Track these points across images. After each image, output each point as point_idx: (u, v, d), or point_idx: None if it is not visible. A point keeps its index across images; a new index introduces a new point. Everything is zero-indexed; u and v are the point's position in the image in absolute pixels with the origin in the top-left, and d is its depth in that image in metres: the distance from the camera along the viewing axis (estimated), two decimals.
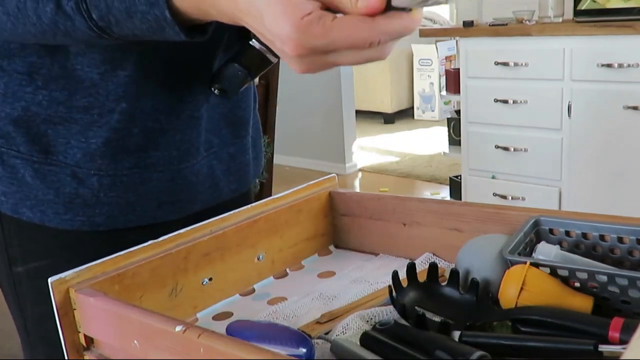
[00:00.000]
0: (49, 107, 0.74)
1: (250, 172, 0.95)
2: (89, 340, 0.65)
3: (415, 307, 0.67)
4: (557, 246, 0.68)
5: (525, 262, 0.63)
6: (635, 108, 2.42)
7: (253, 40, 0.75)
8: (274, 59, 0.76)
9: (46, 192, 0.76)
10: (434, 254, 0.84)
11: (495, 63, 2.72)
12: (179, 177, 0.82)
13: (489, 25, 2.82)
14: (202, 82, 0.81)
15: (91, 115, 0.75)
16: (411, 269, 0.70)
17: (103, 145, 0.76)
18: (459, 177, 3.13)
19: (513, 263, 0.64)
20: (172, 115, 0.79)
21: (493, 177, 2.88)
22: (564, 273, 0.62)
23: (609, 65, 2.43)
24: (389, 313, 0.68)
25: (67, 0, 0.61)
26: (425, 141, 5.38)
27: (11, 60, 0.73)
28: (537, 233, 0.72)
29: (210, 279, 0.77)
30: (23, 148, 0.75)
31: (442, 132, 4.49)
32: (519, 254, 0.66)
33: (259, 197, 0.90)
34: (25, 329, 0.83)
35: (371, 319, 0.67)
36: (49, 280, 0.62)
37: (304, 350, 0.60)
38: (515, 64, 2.67)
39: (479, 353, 0.52)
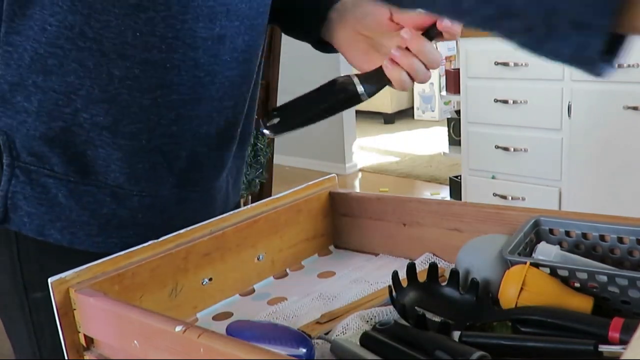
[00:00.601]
0: (92, 130, 0.71)
1: (241, 180, 0.96)
2: (89, 341, 0.65)
3: (415, 307, 0.67)
4: (557, 246, 0.68)
5: (525, 262, 0.63)
6: (635, 108, 2.42)
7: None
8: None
9: (80, 214, 0.73)
10: (433, 254, 0.84)
11: (495, 63, 2.72)
12: (208, 195, 0.83)
13: None
14: (245, 100, 0.82)
15: (139, 141, 0.72)
16: (411, 269, 0.70)
17: (150, 169, 0.74)
18: (459, 177, 3.13)
19: (513, 263, 0.64)
20: (218, 138, 0.79)
21: (493, 177, 2.88)
22: (564, 273, 0.62)
23: None
24: (389, 313, 0.68)
25: None
26: (425, 141, 5.38)
27: (47, 77, 0.69)
28: (537, 233, 0.72)
29: (210, 279, 0.77)
30: (58, 168, 0.72)
31: (442, 132, 4.49)
32: (519, 254, 0.66)
33: (259, 197, 0.91)
34: (40, 356, 0.79)
35: (371, 319, 0.67)
36: (49, 280, 0.62)
37: (304, 350, 0.60)
38: (515, 64, 2.67)
39: (479, 353, 0.52)
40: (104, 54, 0.68)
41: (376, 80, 0.75)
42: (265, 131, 0.79)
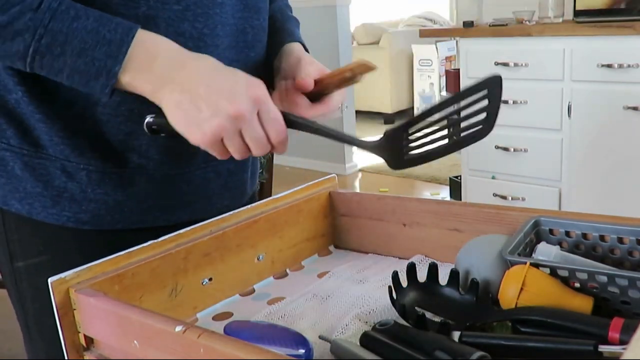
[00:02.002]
0: (30, 104, 0.74)
1: (247, 190, 0.94)
2: (89, 341, 0.65)
3: (415, 308, 0.67)
4: (557, 246, 0.68)
5: (525, 263, 0.63)
6: (635, 108, 2.42)
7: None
8: None
9: (35, 185, 0.76)
10: (425, 256, 0.84)
11: (495, 63, 2.72)
12: (168, 183, 0.81)
13: (489, 25, 2.82)
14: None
15: (76, 109, 0.74)
16: (411, 269, 0.70)
17: (90, 140, 0.75)
18: (459, 178, 3.13)
19: (513, 263, 0.64)
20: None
21: (493, 178, 2.88)
22: (564, 273, 0.62)
23: (609, 66, 2.43)
24: (389, 312, 0.68)
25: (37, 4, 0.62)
26: None
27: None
28: (537, 233, 0.72)
29: (210, 279, 0.77)
30: (13, 141, 0.75)
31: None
32: (519, 255, 0.66)
33: (259, 197, 0.90)
34: (26, 324, 0.83)
35: (371, 319, 0.67)
36: (49, 280, 0.62)
37: (302, 350, 0.60)
38: (515, 64, 2.67)
39: (478, 353, 0.52)
40: None
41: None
42: None
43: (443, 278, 0.70)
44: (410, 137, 0.68)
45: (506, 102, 2.71)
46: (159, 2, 0.71)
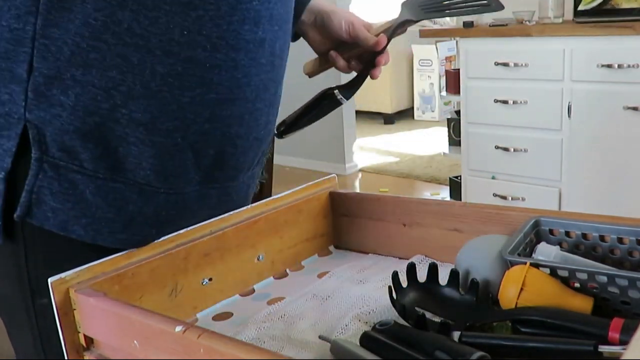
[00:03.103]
0: (128, 126, 0.70)
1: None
2: (89, 341, 0.65)
3: (415, 308, 0.67)
4: (557, 247, 0.68)
5: (525, 263, 0.63)
6: (635, 109, 2.42)
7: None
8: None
9: (106, 211, 0.72)
10: (425, 256, 0.84)
11: (495, 63, 2.72)
12: (225, 194, 0.82)
13: (489, 25, 2.82)
14: (275, 104, 0.83)
15: (174, 138, 0.72)
16: (411, 269, 0.70)
17: (179, 167, 0.74)
18: (459, 178, 3.12)
19: (513, 263, 0.64)
20: (245, 139, 0.79)
21: (493, 178, 2.88)
22: (564, 273, 0.62)
23: (609, 66, 2.43)
24: (389, 312, 0.68)
25: None
26: (425, 141, 5.37)
27: (87, 71, 0.67)
28: (537, 233, 0.72)
29: (210, 279, 0.77)
30: (88, 164, 0.70)
31: (442, 132, 4.48)
32: (519, 255, 0.66)
33: (259, 197, 0.90)
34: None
35: (371, 319, 0.67)
36: (49, 280, 0.62)
37: None
38: (515, 65, 2.67)
39: (478, 353, 0.52)
40: (150, 50, 0.67)
41: (350, 87, 0.93)
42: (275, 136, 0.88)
43: (443, 278, 0.70)
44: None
45: (506, 102, 2.71)
46: (276, 25, 0.77)
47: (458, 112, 3.12)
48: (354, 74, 0.97)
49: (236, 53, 0.72)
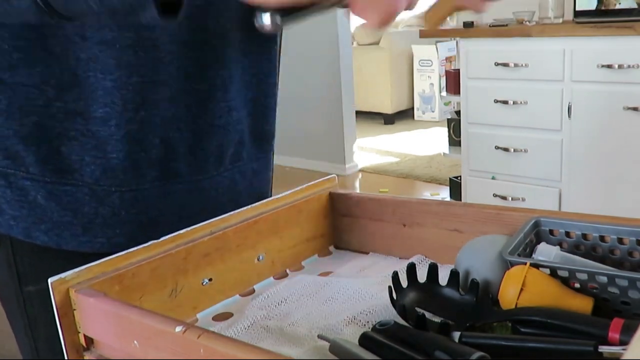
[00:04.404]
0: (66, 119, 0.69)
1: (269, 191, 0.92)
2: (89, 341, 0.65)
3: (415, 308, 0.67)
4: (557, 247, 0.68)
5: (525, 263, 0.63)
6: (635, 109, 2.42)
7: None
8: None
9: (62, 214, 0.71)
10: (425, 256, 0.84)
11: (495, 64, 2.72)
12: (197, 189, 0.79)
13: (489, 26, 2.82)
14: (224, 88, 0.77)
15: (109, 127, 0.70)
16: (411, 269, 0.71)
17: (124, 159, 0.71)
18: (459, 178, 3.13)
19: (513, 264, 0.64)
20: (194, 124, 0.76)
21: (493, 178, 2.88)
22: (564, 274, 0.62)
23: (609, 66, 2.43)
24: (388, 312, 0.68)
25: None
26: (425, 142, 5.38)
27: (14, 72, 0.67)
28: (537, 234, 0.72)
29: (210, 280, 0.77)
30: (33, 169, 0.70)
31: (442, 132, 4.49)
32: (519, 255, 0.66)
33: None
34: (35, 348, 0.79)
35: (370, 319, 0.67)
36: (49, 280, 0.62)
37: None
38: (516, 65, 2.67)
39: (478, 354, 0.52)
40: (68, 37, 0.66)
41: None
42: (265, 21, 0.63)
43: (443, 278, 0.70)
44: None
45: (506, 102, 2.71)
46: None
47: (458, 113, 3.12)
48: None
49: (150, 31, 0.68)
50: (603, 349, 0.52)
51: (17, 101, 0.68)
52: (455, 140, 3.35)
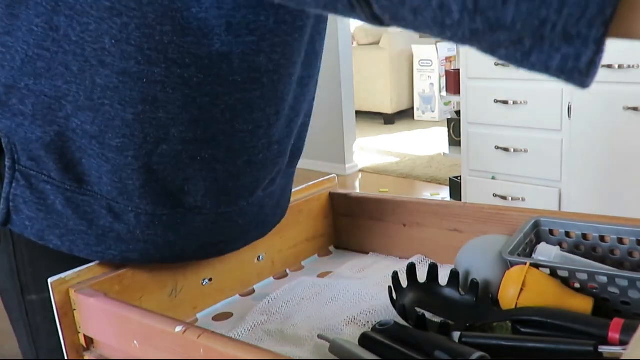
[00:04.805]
0: (83, 137, 0.66)
1: (290, 199, 0.87)
2: (89, 341, 0.65)
3: (415, 308, 0.67)
4: (557, 247, 0.68)
5: (525, 263, 0.63)
6: (635, 109, 2.42)
7: None
8: None
9: (78, 223, 0.69)
10: (425, 256, 0.84)
11: (495, 64, 2.72)
12: (223, 220, 0.75)
13: None
14: (268, 125, 0.71)
15: (125, 157, 0.66)
16: (411, 269, 0.71)
17: (141, 187, 0.68)
18: (459, 178, 3.13)
19: (513, 264, 0.64)
20: (227, 163, 0.70)
21: (493, 178, 2.88)
22: (564, 274, 0.62)
23: (609, 66, 2.43)
24: (388, 312, 0.68)
25: None
26: (425, 142, 5.38)
27: (37, 80, 0.64)
28: (537, 234, 0.72)
29: (210, 280, 0.77)
30: (55, 174, 0.68)
31: (442, 132, 4.48)
32: (519, 255, 0.66)
33: None
34: (37, 357, 0.78)
35: (370, 319, 0.67)
36: (49, 280, 0.62)
37: None
38: None
39: (478, 354, 0.52)
40: (86, 59, 0.63)
41: None
42: None
43: (443, 278, 0.70)
44: None
45: (506, 102, 2.71)
46: (231, 36, 0.61)
47: (458, 113, 3.12)
48: None
49: (182, 69, 0.63)
50: (603, 349, 0.52)
51: (41, 109, 0.66)
52: (455, 140, 3.35)
